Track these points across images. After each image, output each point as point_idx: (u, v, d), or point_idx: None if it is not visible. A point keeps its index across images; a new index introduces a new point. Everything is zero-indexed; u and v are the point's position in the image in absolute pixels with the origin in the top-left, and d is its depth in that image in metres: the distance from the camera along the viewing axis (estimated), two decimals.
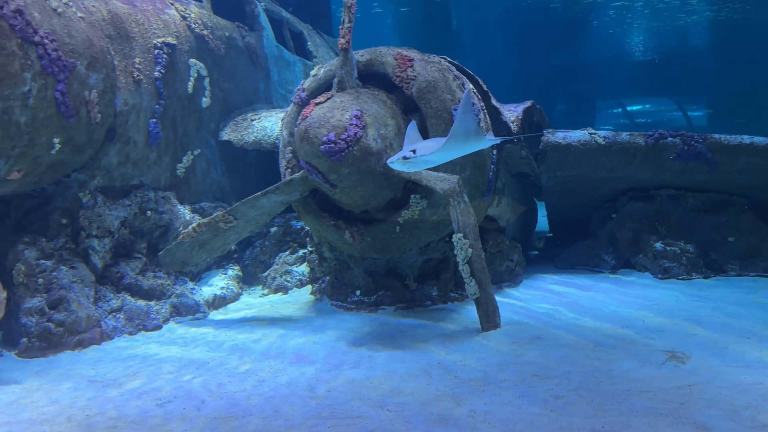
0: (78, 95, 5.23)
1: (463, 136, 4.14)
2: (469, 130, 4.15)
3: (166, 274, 6.15)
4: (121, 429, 3.60)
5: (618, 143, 7.05)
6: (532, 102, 7.10)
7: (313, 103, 5.37)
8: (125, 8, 6.26)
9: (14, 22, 4.65)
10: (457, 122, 4.04)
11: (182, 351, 5.07)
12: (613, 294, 6.49)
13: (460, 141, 4.18)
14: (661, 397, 3.71)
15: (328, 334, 5.38)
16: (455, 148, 4.35)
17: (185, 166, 6.96)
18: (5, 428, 3.65)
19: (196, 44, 7.16)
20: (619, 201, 7.68)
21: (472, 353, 4.68)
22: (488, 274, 5.30)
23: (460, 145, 4.31)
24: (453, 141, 4.08)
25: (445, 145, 4.10)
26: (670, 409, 3.53)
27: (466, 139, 4.22)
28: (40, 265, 5.27)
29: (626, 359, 4.42)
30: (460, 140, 4.17)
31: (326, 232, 5.91)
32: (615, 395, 3.77)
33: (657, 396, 3.72)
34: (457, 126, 4.04)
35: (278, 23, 9.97)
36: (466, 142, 4.31)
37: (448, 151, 4.24)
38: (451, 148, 4.25)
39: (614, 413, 3.51)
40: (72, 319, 5.14)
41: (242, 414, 3.74)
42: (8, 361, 4.92)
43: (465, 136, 4.16)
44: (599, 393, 3.81)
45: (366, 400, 3.87)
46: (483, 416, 3.53)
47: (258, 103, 8.56)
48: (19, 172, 4.99)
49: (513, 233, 7.50)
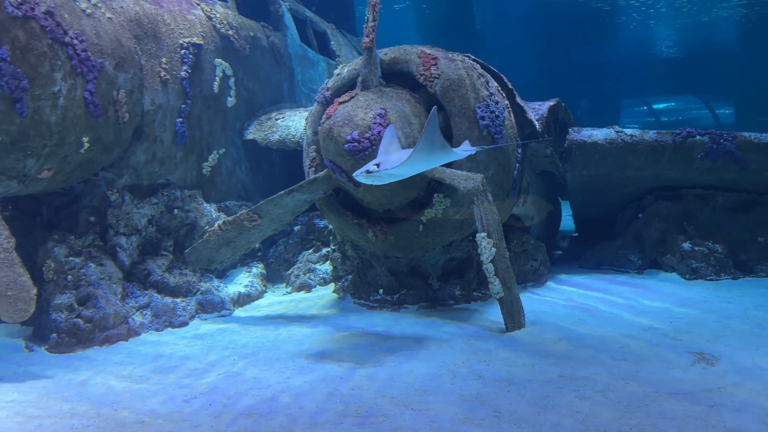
0: (106, 95, 5.31)
1: (428, 151, 4.14)
2: (434, 146, 4.15)
3: (192, 271, 6.22)
4: (149, 424, 3.65)
5: (645, 141, 6.95)
6: (557, 100, 7.03)
7: (337, 102, 5.38)
8: (152, 9, 6.34)
9: (45, 23, 4.74)
10: (422, 139, 4.02)
11: (208, 348, 5.12)
12: (639, 294, 6.40)
13: (424, 155, 4.18)
14: (689, 399, 3.65)
15: (351, 333, 5.39)
16: (420, 163, 4.35)
17: (211, 165, 7.04)
18: (36, 422, 3.72)
19: (222, 44, 7.23)
20: (646, 200, 7.58)
21: (496, 353, 4.65)
22: (512, 274, 5.27)
23: (424, 159, 4.32)
24: (417, 155, 4.08)
25: (409, 159, 4.09)
26: (699, 411, 3.47)
27: (431, 153, 4.22)
28: (69, 262, 5.37)
29: (653, 361, 4.36)
30: (425, 155, 4.17)
31: (349, 230, 5.93)
32: (642, 397, 3.72)
33: (686, 398, 3.67)
34: (422, 143, 4.04)
35: (302, 23, 10.02)
36: (431, 157, 4.31)
37: (411, 165, 4.23)
38: (415, 163, 4.24)
39: (642, 415, 3.46)
40: (100, 315, 5.23)
41: (267, 411, 3.77)
42: (39, 356, 5.01)
43: (430, 151, 4.16)
44: (626, 394, 3.76)
45: (390, 399, 3.87)
46: (508, 416, 3.51)
47: (282, 102, 8.62)
48: (50, 170, 5.09)
49: (537, 233, 7.45)
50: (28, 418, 3.77)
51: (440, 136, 4.14)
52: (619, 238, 7.77)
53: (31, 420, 3.75)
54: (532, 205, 7.07)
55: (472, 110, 5.45)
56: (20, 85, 4.53)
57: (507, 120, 5.77)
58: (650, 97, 33.03)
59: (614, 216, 7.93)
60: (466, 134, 5.43)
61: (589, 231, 8.45)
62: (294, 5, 9.84)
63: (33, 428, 3.63)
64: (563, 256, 8.59)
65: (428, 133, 3.96)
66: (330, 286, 7.07)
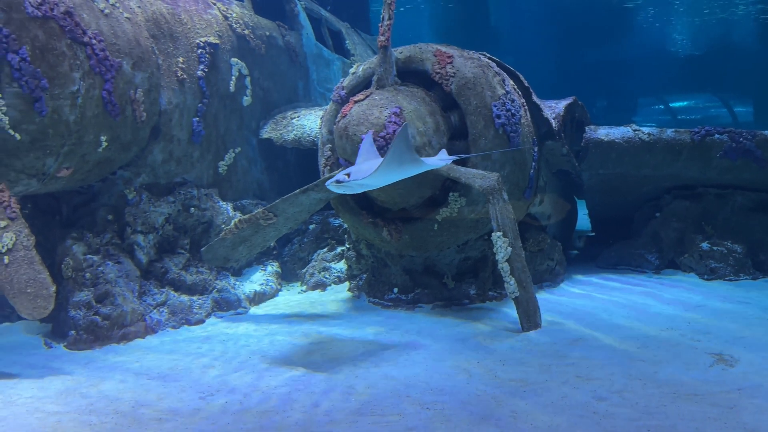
0: (124, 94, 5.36)
1: (397, 163, 4.15)
2: (403, 158, 4.15)
3: (208, 269, 6.26)
4: (166, 421, 3.67)
5: (663, 140, 6.88)
6: (574, 98, 6.99)
7: (352, 101, 5.39)
8: (169, 8, 6.38)
9: (64, 23, 4.79)
10: (390, 151, 4.02)
11: (224, 345, 5.15)
12: (657, 295, 6.34)
13: (393, 167, 4.19)
14: (709, 400, 3.61)
15: (366, 331, 5.40)
16: (389, 174, 4.36)
17: (227, 163, 7.07)
18: (55, 417, 3.77)
19: (238, 43, 7.26)
20: (663, 199, 7.50)
21: (512, 353, 4.63)
22: (528, 273, 5.24)
23: (394, 171, 4.33)
24: (385, 167, 4.09)
25: (377, 171, 4.09)
26: (719, 413, 3.43)
27: (401, 165, 4.23)
28: (88, 260, 5.43)
29: (671, 361, 4.32)
30: (394, 166, 4.17)
31: (364, 229, 5.93)
32: (660, 398, 3.68)
33: (705, 400, 3.63)
34: (390, 156, 4.04)
35: (317, 22, 10.03)
36: (401, 168, 4.31)
37: (380, 176, 4.24)
38: (384, 174, 4.25)
39: (660, 416, 3.43)
40: (117, 312, 5.28)
41: (283, 408, 3.79)
42: (58, 353, 5.07)
43: (399, 162, 4.16)
44: (644, 396, 3.73)
45: (405, 398, 3.87)
46: (525, 417, 3.49)
47: (297, 101, 8.64)
48: (68, 169, 5.14)
49: (554, 232, 7.40)
50: (48, 414, 3.81)
51: (410, 148, 4.13)
52: (636, 238, 7.71)
53: (50, 416, 3.79)
54: (549, 204, 7.02)
55: (488, 109, 5.43)
56: (40, 85, 4.58)
57: (523, 118, 5.74)
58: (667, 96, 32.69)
59: (631, 215, 7.86)
60: (482, 133, 5.41)
61: (606, 230, 8.39)
62: (309, 4, 9.86)
63: (52, 424, 3.67)
64: (579, 255, 8.53)
65: (396, 147, 3.98)
66: (345, 284, 7.08)
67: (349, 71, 6.14)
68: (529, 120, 5.92)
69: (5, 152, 4.61)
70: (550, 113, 6.47)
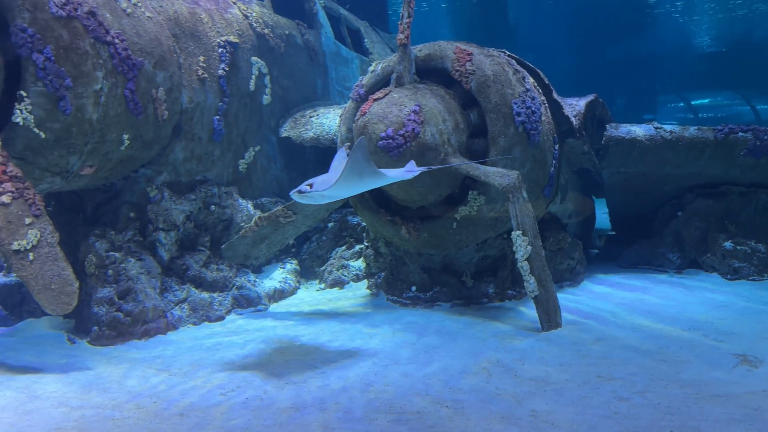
0: (146, 93, 5.41)
1: (357, 176, 4.17)
2: (363, 171, 4.17)
3: (229, 266, 6.31)
4: (188, 417, 3.71)
5: (685, 138, 6.80)
6: (595, 96, 6.92)
7: (371, 99, 5.39)
8: (190, 8, 6.43)
9: (87, 22, 4.85)
10: (348, 164, 4.04)
11: (244, 342, 5.19)
12: (678, 294, 6.27)
13: (353, 180, 4.21)
14: (733, 402, 3.56)
15: (385, 329, 5.40)
16: (349, 187, 4.40)
17: (247, 162, 7.12)
18: (78, 412, 3.82)
19: (258, 42, 7.30)
20: (686, 198, 7.41)
21: (532, 352, 4.60)
22: (549, 272, 5.21)
23: (353, 184, 4.36)
24: (343, 181, 4.11)
25: (336, 184, 4.12)
26: (743, 414, 3.38)
27: (361, 177, 4.25)
28: (110, 257, 5.49)
29: (694, 362, 4.26)
30: (354, 179, 4.20)
31: (382, 227, 5.93)
32: (683, 399, 3.64)
33: (729, 401, 3.58)
34: (348, 170, 4.08)
35: (336, 20, 10.05)
36: (362, 180, 4.33)
37: (340, 189, 4.26)
38: (344, 187, 4.28)
39: (683, 417, 3.39)
40: (139, 309, 5.33)
41: (303, 405, 3.80)
42: (81, 348, 5.14)
43: (359, 175, 4.19)
44: (666, 396, 3.69)
45: (424, 396, 3.87)
46: (545, 416, 3.47)
47: (316, 99, 8.66)
48: (91, 167, 5.21)
49: (574, 231, 7.35)
50: (71, 409, 3.87)
51: (368, 161, 4.14)
52: (657, 237, 7.62)
53: (73, 410, 3.84)
54: (571, 202, 6.97)
55: (508, 106, 5.40)
56: (64, 84, 4.65)
57: (543, 116, 5.70)
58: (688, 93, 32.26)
59: (652, 214, 7.77)
60: (502, 131, 5.38)
61: (626, 229, 8.30)
62: (328, 3, 9.88)
63: (76, 418, 3.72)
64: (600, 254, 8.45)
65: (353, 160, 4.01)
66: (363, 282, 7.09)
67: (367, 69, 6.14)
68: (549, 118, 5.88)
69: (30, 150, 4.68)
70: (571, 111, 6.41)
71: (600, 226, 8.84)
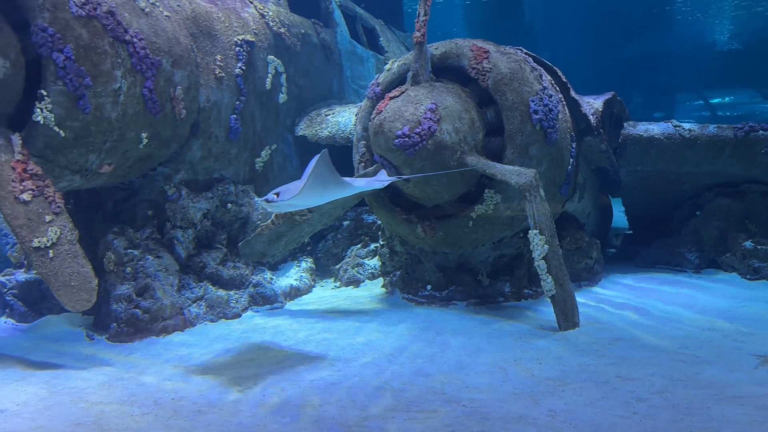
0: (164, 92, 5.45)
1: (321, 186, 4.22)
2: (326, 182, 4.21)
3: (245, 264, 6.34)
4: (205, 413, 3.73)
5: (705, 136, 6.73)
6: (613, 93, 6.86)
7: (387, 98, 5.39)
8: (208, 7, 6.47)
9: (107, 22, 4.89)
10: (310, 176, 4.06)
11: (260, 339, 5.21)
12: (697, 295, 6.20)
13: (318, 190, 4.26)
14: (754, 403, 3.51)
15: (401, 328, 5.40)
16: (313, 197, 4.45)
17: (263, 160, 7.15)
18: (98, 408, 3.86)
19: (274, 41, 7.32)
20: (704, 197, 7.33)
21: (549, 352, 4.58)
22: (566, 271, 5.17)
23: (318, 195, 4.42)
24: (307, 190, 4.14)
25: (299, 194, 4.15)
26: (765, 416, 3.34)
27: (326, 188, 4.30)
28: (128, 254, 5.54)
29: (714, 363, 4.21)
30: (319, 189, 4.25)
31: (398, 226, 5.93)
32: (703, 400, 3.60)
33: (750, 402, 3.53)
34: (310, 181, 4.10)
35: (352, 19, 10.06)
36: (327, 191, 4.38)
37: (304, 199, 4.30)
38: (308, 197, 4.31)
39: (702, 418, 3.35)
40: (157, 306, 5.38)
41: (320, 402, 3.81)
42: (100, 345, 5.20)
43: (323, 186, 4.23)
44: (685, 397, 3.65)
45: (440, 395, 3.86)
46: (563, 416, 3.45)
47: (331, 98, 8.68)
48: (110, 165, 5.26)
49: (591, 230, 7.29)
50: (91, 405, 3.91)
51: (331, 173, 4.15)
52: (675, 237, 7.55)
53: (93, 406, 3.88)
54: (589, 200, 6.92)
55: (525, 104, 5.37)
56: (83, 83, 4.69)
57: (561, 114, 5.66)
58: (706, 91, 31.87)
59: (670, 213, 7.69)
60: (519, 128, 5.36)
61: (643, 229, 8.23)
62: (344, 2, 9.89)
63: (95, 414, 3.76)
64: (617, 254, 8.38)
65: (315, 174, 4.05)
66: (378, 280, 7.09)
67: (383, 68, 6.14)
68: (567, 116, 5.84)
69: (50, 149, 4.73)
70: (589, 109, 6.37)
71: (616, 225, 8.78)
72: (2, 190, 4.45)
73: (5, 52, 4.51)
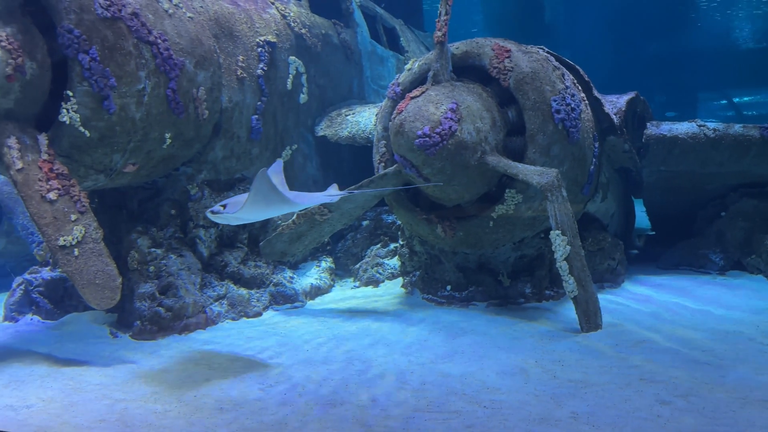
0: (187, 92, 5.50)
1: (263, 203, 4.21)
2: (269, 199, 4.20)
3: (266, 263, 6.38)
4: (227, 411, 3.76)
5: (730, 136, 6.62)
6: (636, 93, 6.79)
7: (408, 97, 5.38)
8: (230, 8, 6.52)
9: (131, 23, 4.95)
10: (250, 195, 4.07)
11: (282, 338, 5.24)
12: (722, 296, 6.11)
13: (260, 206, 4.26)
14: None
15: (420, 328, 5.39)
16: (258, 212, 4.45)
17: (284, 160, 7.17)
18: (122, 404, 3.91)
19: (295, 42, 7.36)
20: (729, 198, 7.22)
21: (570, 354, 4.54)
22: (588, 272, 5.12)
23: (261, 210, 4.43)
24: (249, 206, 4.16)
25: (242, 209, 4.17)
26: None
27: (268, 205, 4.29)
28: (152, 253, 5.61)
29: (740, 365, 4.15)
30: (261, 206, 4.25)
31: (418, 225, 5.92)
32: (729, 403, 3.54)
33: None
34: (252, 199, 4.09)
35: (372, 19, 10.07)
36: (270, 207, 4.38)
37: (248, 214, 4.31)
38: (252, 212, 4.33)
39: (728, 422, 3.30)
40: (180, 304, 5.43)
41: (341, 401, 3.82)
42: (124, 342, 5.26)
43: (266, 203, 4.22)
44: (711, 400, 3.60)
45: (461, 396, 3.85)
46: (586, 418, 3.42)
47: (351, 98, 8.69)
48: (134, 165, 5.32)
49: (614, 230, 7.22)
50: (115, 401, 3.96)
51: (272, 191, 4.14)
52: (699, 238, 7.44)
53: (117, 403, 3.93)
54: (613, 201, 6.85)
55: (547, 104, 5.33)
56: (108, 84, 4.76)
57: (583, 113, 5.61)
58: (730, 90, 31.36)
59: (693, 214, 7.59)
60: (540, 128, 5.32)
61: (666, 229, 8.13)
62: (364, 2, 9.90)
63: (119, 410, 3.81)
64: (639, 255, 8.29)
65: (254, 192, 4.05)
66: (398, 280, 7.09)
67: (403, 68, 6.14)
68: (589, 115, 5.78)
69: (76, 149, 4.81)
70: (612, 108, 6.30)
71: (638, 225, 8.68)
72: (29, 190, 4.53)
73: (32, 53, 4.60)
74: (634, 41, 29.24)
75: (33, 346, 5.17)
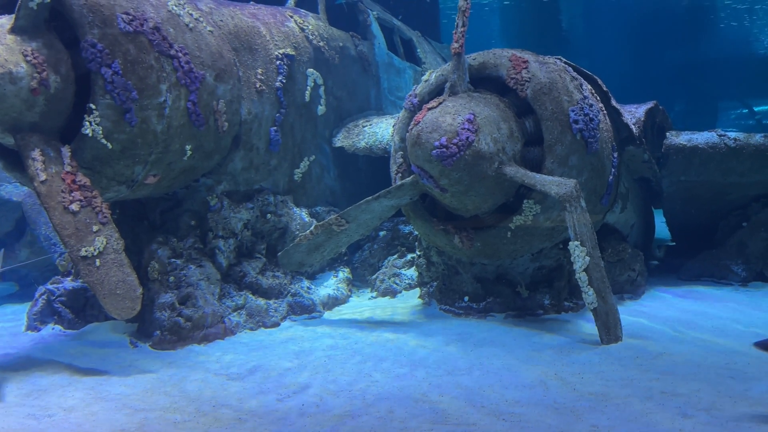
0: (207, 105, 5.57)
1: None
2: None
3: (284, 274, 6.41)
4: (245, 422, 3.78)
5: (751, 146, 6.55)
6: (655, 103, 6.75)
7: (425, 108, 5.40)
8: (249, 22, 6.60)
9: (153, 37, 5.03)
10: None
11: (300, 348, 5.25)
12: (745, 308, 6.02)
13: None
14: None
15: (438, 339, 5.37)
16: None
17: (302, 171, 7.23)
18: (141, 414, 3.94)
19: (314, 55, 7.43)
20: (751, 208, 7.14)
21: (590, 366, 4.49)
22: (608, 284, 5.08)
23: None
24: None
25: None
26: None
27: None
28: (172, 263, 5.66)
29: (764, 379, 4.08)
30: None
31: (435, 236, 5.92)
32: (753, 418, 3.48)
33: None
34: None
35: (389, 31, 10.13)
36: None
37: None
38: None
39: None
40: (199, 314, 5.47)
41: (358, 413, 3.82)
42: (144, 352, 5.30)
43: None
44: (735, 414, 3.54)
45: (480, 408, 3.83)
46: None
47: (369, 110, 8.74)
48: (155, 176, 5.39)
49: (634, 241, 7.15)
50: (134, 411, 3.99)
51: None
52: (720, 248, 7.35)
53: (137, 413, 3.97)
54: (633, 211, 6.79)
55: (565, 114, 5.32)
56: (130, 96, 4.83)
57: (602, 123, 5.59)
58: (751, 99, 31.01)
59: (714, 224, 7.50)
60: (558, 138, 5.30)
61: (687, 240, 8.04)
62: (382, 14, 9.98)
63: (139, 420, 3.84)
64: (660, 266, 8.20)
65: None
66: (415, 291, 7.08)
67: (420, 79, 6.16)
68: (608, 125, 5.76)
69: (98, 160, 4.88)
70: (630, 118, 6.27)
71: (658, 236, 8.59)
72: (52, 201, 4.60)
73: (57, 67, 4.69)
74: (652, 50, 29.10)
75: (55, 355, 5.23)
